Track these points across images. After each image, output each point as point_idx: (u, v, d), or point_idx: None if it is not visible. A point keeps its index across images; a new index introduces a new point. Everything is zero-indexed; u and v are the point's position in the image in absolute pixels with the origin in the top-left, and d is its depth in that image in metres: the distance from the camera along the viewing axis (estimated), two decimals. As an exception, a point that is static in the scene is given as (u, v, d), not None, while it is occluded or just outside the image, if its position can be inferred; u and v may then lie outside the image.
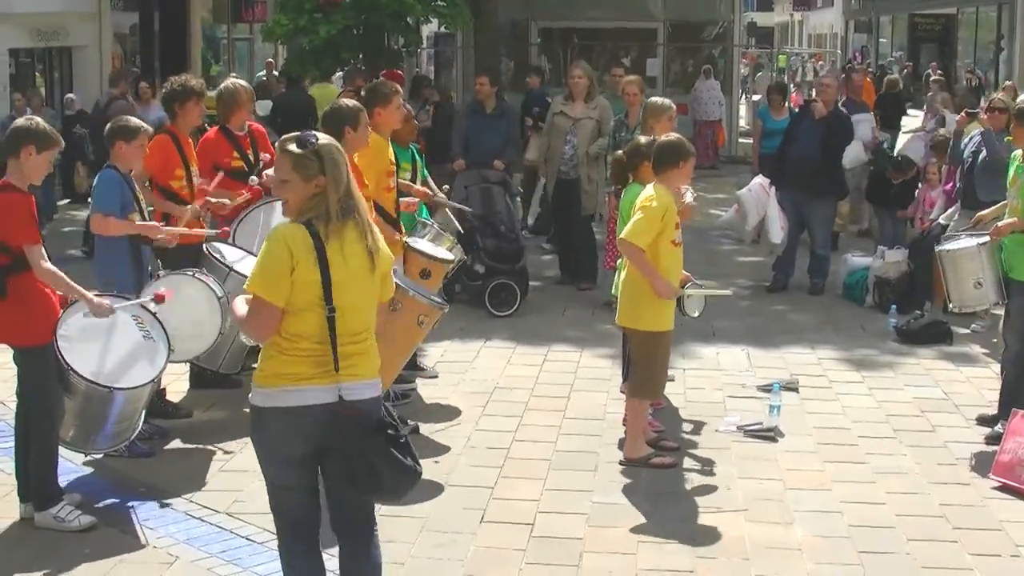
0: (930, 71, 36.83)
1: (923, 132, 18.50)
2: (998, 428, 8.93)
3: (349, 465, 5.51)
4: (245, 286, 5.46)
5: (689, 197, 8.85)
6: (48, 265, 7.27)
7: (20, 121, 7.59)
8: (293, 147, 5.43)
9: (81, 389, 7.55)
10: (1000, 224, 9.13)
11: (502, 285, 13.01)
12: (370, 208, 8.46)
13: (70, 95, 22.96)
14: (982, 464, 8.57)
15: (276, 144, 5.58)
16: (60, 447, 7.71)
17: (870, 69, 42.62)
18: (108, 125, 8.98)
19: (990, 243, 9.17)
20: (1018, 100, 10.71)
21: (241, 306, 5.55)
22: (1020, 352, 9.12)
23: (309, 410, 5.45)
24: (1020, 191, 9.04)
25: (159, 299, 8.09)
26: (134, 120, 8.95)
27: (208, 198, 9.71)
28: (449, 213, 11.35)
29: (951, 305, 9.67)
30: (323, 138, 5.53)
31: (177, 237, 9.05)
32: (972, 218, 10.28)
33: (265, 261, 5.40)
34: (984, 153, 11.93)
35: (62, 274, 7.37)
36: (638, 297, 8.55)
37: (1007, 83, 22.46)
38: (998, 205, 9.66)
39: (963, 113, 14.13)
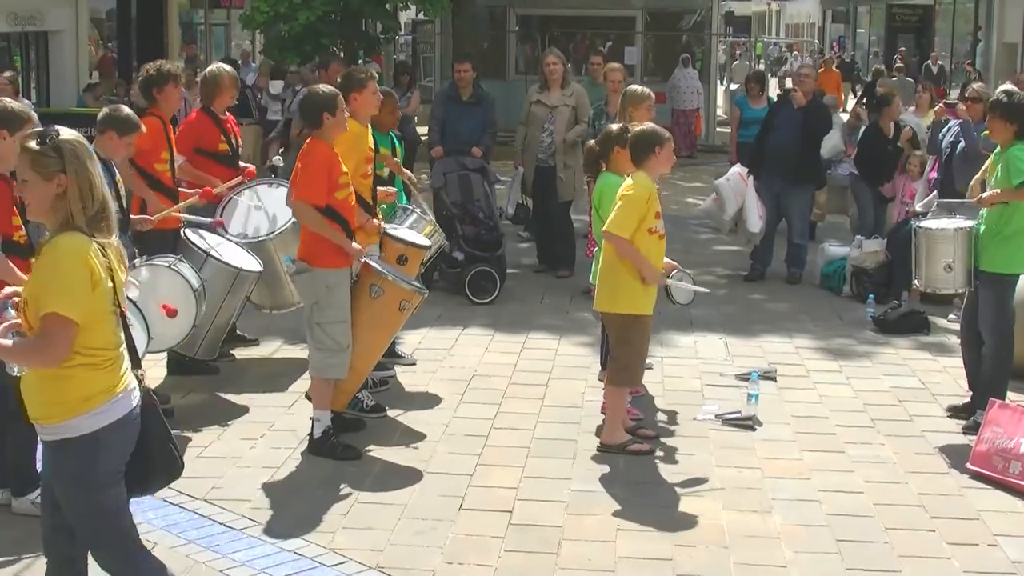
0: (929, 62, 36.94)
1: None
2: (975, 418, 8.95)
3: (157, 455, 5.45)
4: (47, 310, 4.95)
5: None
6: (3, 261, 7.05)
7: None
8: (32, 143, 5.03)
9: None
10: (984, 195, 9.15)
11: (482, 273, 12.99)
12: (351, 195, 8.52)
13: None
14: (959, 454, 8.59)
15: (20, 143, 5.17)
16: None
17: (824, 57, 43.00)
18: (104, 112, 8.91)
19: (968, 229, 9.20)
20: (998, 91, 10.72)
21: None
22: (997, 346, 9.14)
23: (132, 415, 5.28)
24: (997, 178, 9.08)
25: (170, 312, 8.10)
26: (132, 114, 8.90)
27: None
28: (423, 203, 11.27)
29: (917, 282, 9.70)
30: (66, 133, 5.09)
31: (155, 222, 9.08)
32: (949, 208, 10.30)
33: (66, 280, 4.97)
34: (962, 143, 11.97)
35: (12, 267, 7.11)
36: (615, 281, 8.54)
37: None
38: (979, 175, 9.67)
39: (941, 104, 14.16)
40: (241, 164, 10.57)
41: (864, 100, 24.49)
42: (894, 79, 29.68)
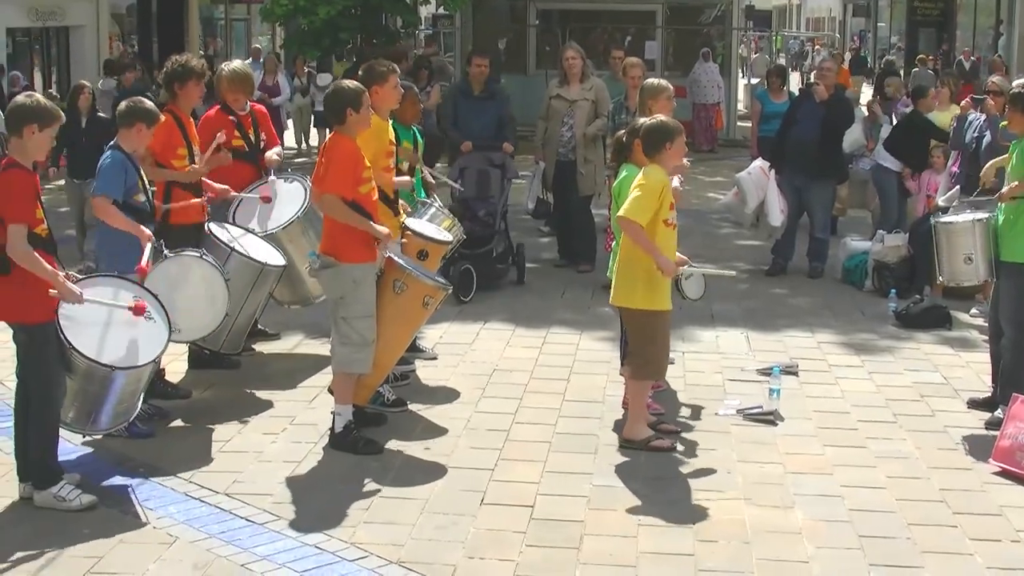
0: (961, 57, 36.85)
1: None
2: (998, 413, 8.93)
3: None
4: None
5: (676, 182, 8.83)
6: (28, 250, 7.12)
7: (20, 99, 7.46)
8: None
9: (82, 369, 7.54)
10: (1003, 190, 9.17)
11: (465, 271, 12.84)
12: (374, 190, 8.52)
13: (15, 72, 22.80)
14: (982, 449, 8.56)
15: None
16: (61, 428, 7.74)
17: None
18: (124, 105, 8.92)
19: (986, 220, 9.21)
20: (1014, 85, 10.72)
21: None
22: (1016, 338, 9.11)
23: None
24: (1014, 169, 9.08)
25: (139, 310, 7.94)
26: (153, 106, 8.94)
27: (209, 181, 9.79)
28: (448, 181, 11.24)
29: (940, 278, 9.72)
30: None
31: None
32: (973, 204, 10.29)
33: None
34: (987, 137, 11.93)
35: (40, 260, 7.19)
36: (632, 276, 8.53)
37: None
38: (996, 159, 9.67)
39: (968, 98, 14.10)
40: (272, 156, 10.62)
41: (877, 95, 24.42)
42: (915, 70, 29.69)
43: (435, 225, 10.18)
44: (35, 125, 7.25)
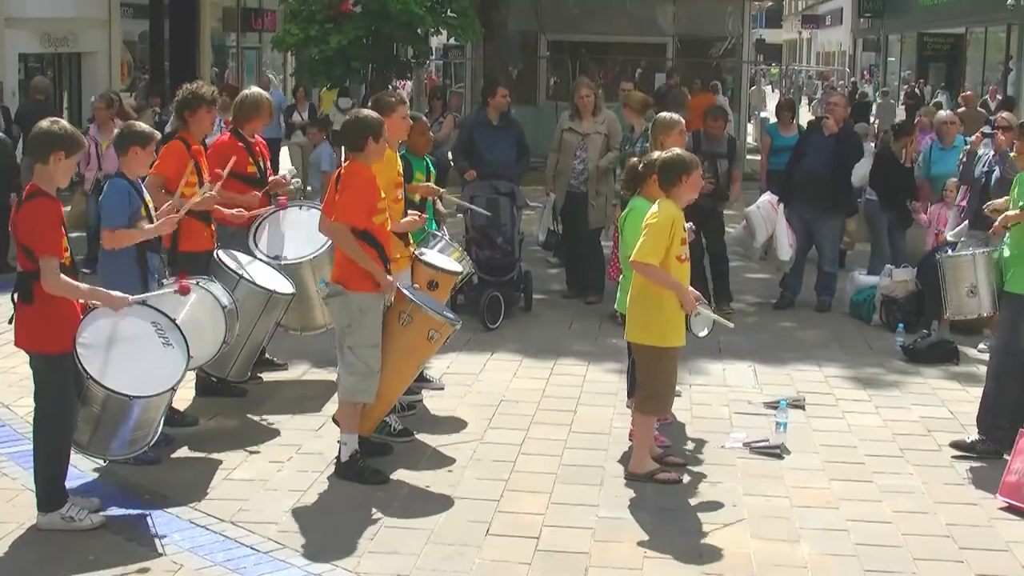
0: (987, 96, 36.74)
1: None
2: (967, 438, 8.99)
3: None
4: None
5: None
6: (62, 280, 7.19)
7: (45, 125, 7.41)
8: None
9: (100, 397, 7.55)
10: (996, 223, 9.18)
11: (493, 298, 12.95)
12: (387, 221, 8.53)
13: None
14: (989, 484, 8.54)
15: None
16: (77, 452, 7.80)
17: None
18: (119, 130, 8.98)
19: (988, 252, 9.22)
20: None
21: None
22: (997, 366, 9.13)
23: None
24: (1013, 203, 9.09)
25: (183, 290, 8.14)
26: (146, 126, 8.98)
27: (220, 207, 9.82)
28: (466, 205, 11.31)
29: (947, 312, 9.73)
30: None
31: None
32: (980, 237, 10.34)
33: None
34: (997, 172, 11.95)
35: (76, 283, 7.31)
36: (647, 313, 8.53)
37: None
38: (996, 201, 9.71)
39: (979, 133, 14.11)
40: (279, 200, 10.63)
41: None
42: (879, 102, 29.88)
43: (446, 256, 10.20)
44: (62, 152, 7.27)
